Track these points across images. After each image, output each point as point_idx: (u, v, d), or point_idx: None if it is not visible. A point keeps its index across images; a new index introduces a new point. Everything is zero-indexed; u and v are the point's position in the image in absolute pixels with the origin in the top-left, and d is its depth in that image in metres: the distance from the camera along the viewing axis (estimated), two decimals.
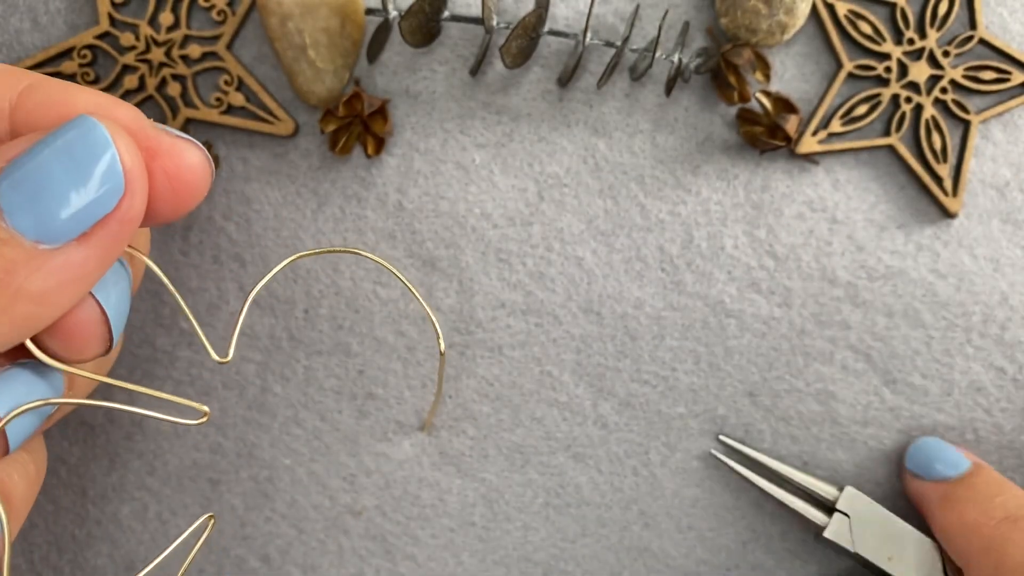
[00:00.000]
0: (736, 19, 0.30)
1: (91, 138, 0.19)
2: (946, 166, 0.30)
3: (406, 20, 0.28)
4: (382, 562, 0.31)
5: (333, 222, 0.31)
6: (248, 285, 0.31)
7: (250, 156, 0.31)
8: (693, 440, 0.31)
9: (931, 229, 0.31)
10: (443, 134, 0.31)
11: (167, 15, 0.30)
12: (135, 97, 0.30)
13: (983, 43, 0.30)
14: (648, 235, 0.31)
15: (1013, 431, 0.31)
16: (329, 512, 0.31)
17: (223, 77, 0.30)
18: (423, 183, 0.31)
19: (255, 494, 0.31)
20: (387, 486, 0.31)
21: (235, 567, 0.31)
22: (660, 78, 0.31)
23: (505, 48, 0.28)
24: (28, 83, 0.20)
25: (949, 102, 0.30)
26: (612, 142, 0.31)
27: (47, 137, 0.19)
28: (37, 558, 0.31)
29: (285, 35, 0.29)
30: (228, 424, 0.31)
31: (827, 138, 0.30)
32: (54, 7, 0.30)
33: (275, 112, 0.30)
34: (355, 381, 0.31)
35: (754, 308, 0.31)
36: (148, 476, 0.31)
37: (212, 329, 0.31)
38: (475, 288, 0.31)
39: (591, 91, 0.31)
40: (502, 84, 0.31)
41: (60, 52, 0.30)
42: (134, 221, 0.20)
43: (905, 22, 0.30)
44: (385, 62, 0.31)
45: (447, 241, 0.31)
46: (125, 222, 0.19)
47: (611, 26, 0.30)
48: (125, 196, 0.19)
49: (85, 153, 0.19)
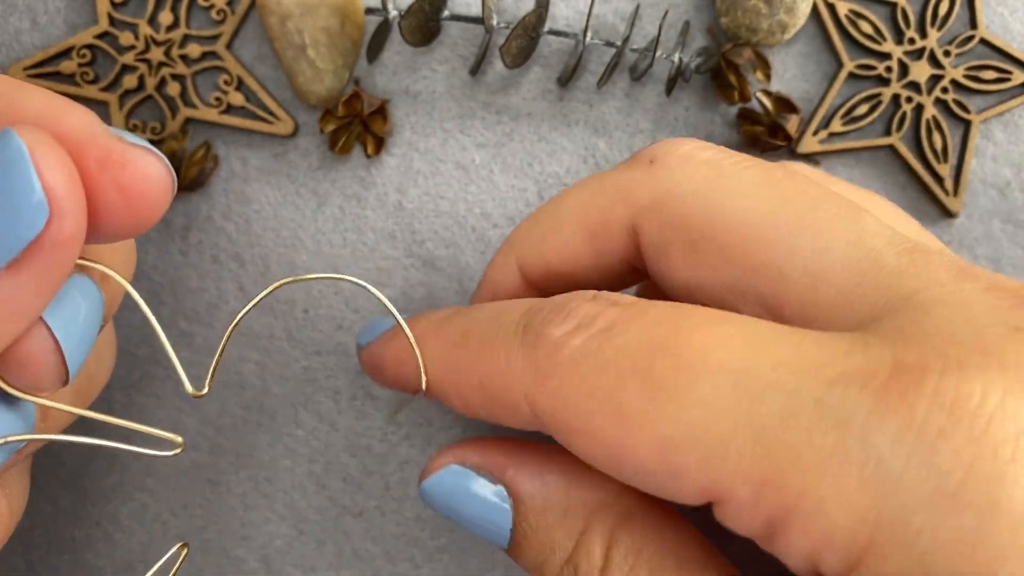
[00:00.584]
0: (736, 18, 0.30)
1: (7, 155, 0.17)
2: (947, 166, 0.30)
3: (406, 19, 0.28)
4: (382, 563, 0.31)
5: (333, 222, 0.31)
6: (248, 285, 0.31)
7: (249, 156, 0.31)
8: None
9: (932, 229, 0.31)
10: (443, 134, 0.31)
11: (166, 14, 0.30)
12: (134, 97, 0.30)
13: (984, 43, 0.30)
14: None
15: None
16: (329, 513, 0.31)
17: (222, 77, 0.30)
18: (423, 183, 0.31)
19: (254, 495, 0.31)
20: (387, 487, 0.31)
21: (235, 568, 0.31)
22: (660, 78, 0.31)
23: (505, 48, 0.28)
24: None
25: (950, 102, 0.30)
26: (612, 142, 0.31)
27: None
28: (36, 558, 0.31)
29: (285, 35, 0.29)
30: (227, 425, 0.31)
31: (828, 138, 0.30)
32: (53, 7, 0.30)
33: (275, 112, 0.30)
34: (355, 381, 0.31)
35: None
36: (147, 477, 0.31)
37: (211, 329, 0.31)
38: (475, 288, 0.31)
39: (591, 91, 0.31)
40: (502, 84, 0.31)
41: (59, 52, 0.30)
42: (69, 243, 0.18)
43: (906, 22, 0.30)
44: (385, 62, 0.31)
45: (447, 241, 0.31)
46: (58, 245, 0.17)
47: (611, 26, 0.30)
48: (52, 217, 0.17)
49: (1, 173, 0.17)
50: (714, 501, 0.17)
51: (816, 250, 0.19)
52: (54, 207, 0.17)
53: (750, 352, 0.17)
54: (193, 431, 0.31)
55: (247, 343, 0.31)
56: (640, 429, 0.17)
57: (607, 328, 0.18)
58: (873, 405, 0.15)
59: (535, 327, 0.19)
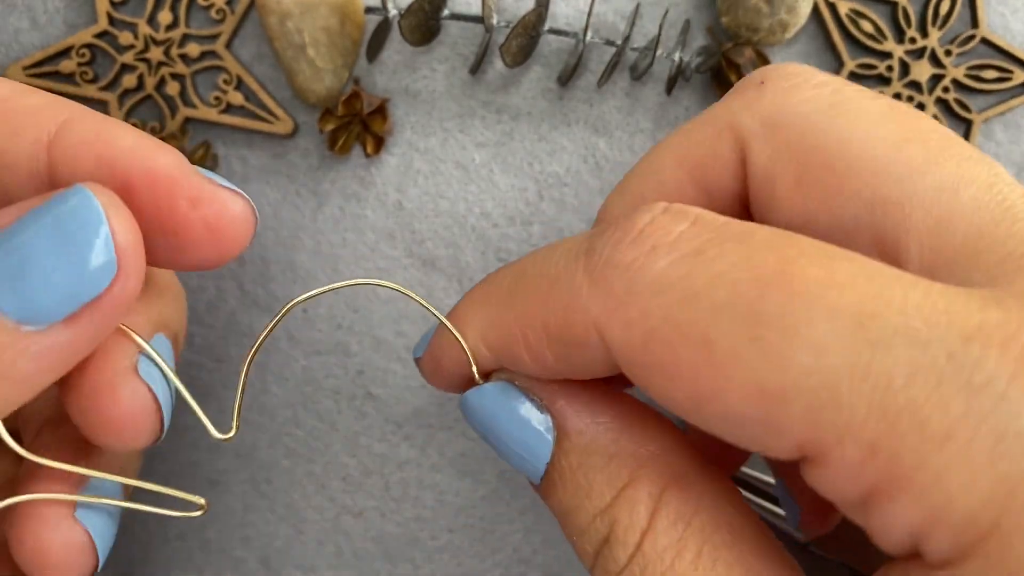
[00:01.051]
0: (737, 18, 0.30)
1: (84, 213, 0.17)
2: None
3: (406, 19, 0.28)
4: (382, 564, 0.31)
5: (332, 222, 0.30)
6: (247, 284, 0.31)
7: (249, 155, 0.31)
8: None
9: None
10: (443, 133, 0.31)
11: (166, 14, 0.30)
12: (134, 96, 0.30)
13: (985, 42, 0.30)
14: None
15: None
16: (328, 513, 0.31)
17: (222, 76, 0.30)
18: (423, 182, 0.31)
19: (254, 495, 0.31)
20: (387, 487, 0.31)
21: (234, 568, 0.31)
22: (661, 77, 0.31)
23: (505, 47, 0.28)
24: (68, 116, 0.19)
25: (951, 101, 0.30)
26: (613, 141, 0.31)
27: (37, 209, 0.17)
28: None
29: (284, 34, 0.29)
30: (227, 425, 0.31)
31: None
32: (53, 6, 0.30)
33: (274, 111, 0.30)
34: (354, 381, 0.31)
35: None
36: (147, 477, 0.31)
37: (211, 329, 0.31)
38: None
39: (591, 90, 0.31)
40: (502, 83, 0.31)
41: (59, 51, 0.30)
42: (127, 303, 0.18)
43: (907, 21, 0.30)
44: (384, 61, 0.30)
45: (447, 241, 0.31)
46: (119, 304, 0.18)
47: (612, 25, 0.30)
48: (118, 278, 0.17)
49: (77, 230, 0.17)
50: (809, 457, 0.15)
51: (945, 189, 0.17)
52: (122, 268, 0.17)
53: (874, 293, 0.14)
54: (193, 431, 0.31)
55: (247, 343, 0.30)
56: (737, 371, 0.15)
57: (697, 251, 0.16)
58: (1015, 369, 0.13)
59: (600, 250, 0.17)
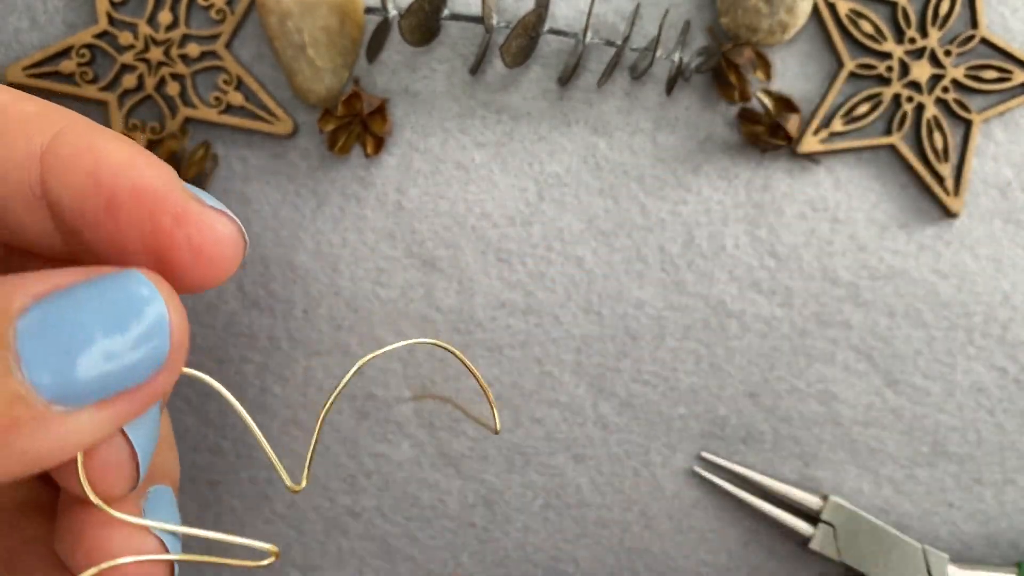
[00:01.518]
0: (737, 18, 0.30)
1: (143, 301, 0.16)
2: (948, 165, 0.30)
3: (406, 19, 0.28)
4: (382, 563, 0.31)
5: (332, 222, 0.31)
6: (247, 285, 0.31)
7: (249, 156, 0.30)
8: (694, 441, 0.31)
9: (933, 229, 0.30)
10: (443, 133, 0.31)
11: (166, 14, 0.30)
12: (134, 96, 0.30)
13: (984, 42, 0.30)
14: (649, 235, 0.30)
15: (1015, 431, 0.31)
16: (328, 513, 0.31)
17: (222, 76, 0.30)
18: (423, 183, 0.31)
19: (254, 495, 0.31)
20: (387, 487, 0.31)
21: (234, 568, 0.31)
22: (661, 77, 0.31)
23: (505, 47, 0.28)
24: (62, 126, 0.18)
25: (951, 101, 0.30)
26: (612, 141, 0.31)
27: (88, 281, 0.16)
28: None
29: (284, 34, 0.29)
30: (227, 425, 0.31)
31: (828, 137, 0.30)
32: (52, 6, 0.30)
33: (274, 111, 0.30)
34: (355, 381, 0.31)
35: (755, 308, 0.30)
36: None
37: (211, 330, 0.31)
38: (475, 288, 0.31)
39: (591, 90, 0.31)
40: (502, 83, 0.31)
41: (59, 51, 0.30)
42: (162, 395, 0.17)
43: (906, 21, 0.30)
44: (384, 61, 0.30)
45: (447, 241, 0.31)
46: (154, 395, 0.17)
47: (611, 25, 0.30)
48: (163, 370, 0.17)
49: (134, 315, 0.16)
50: None
51: None
52: (169, 361, 0.17)
53: None
54: (193, 432, 0.31)
55: (247, 344, 0.30)
56: None
57: None
58: None
59: None
